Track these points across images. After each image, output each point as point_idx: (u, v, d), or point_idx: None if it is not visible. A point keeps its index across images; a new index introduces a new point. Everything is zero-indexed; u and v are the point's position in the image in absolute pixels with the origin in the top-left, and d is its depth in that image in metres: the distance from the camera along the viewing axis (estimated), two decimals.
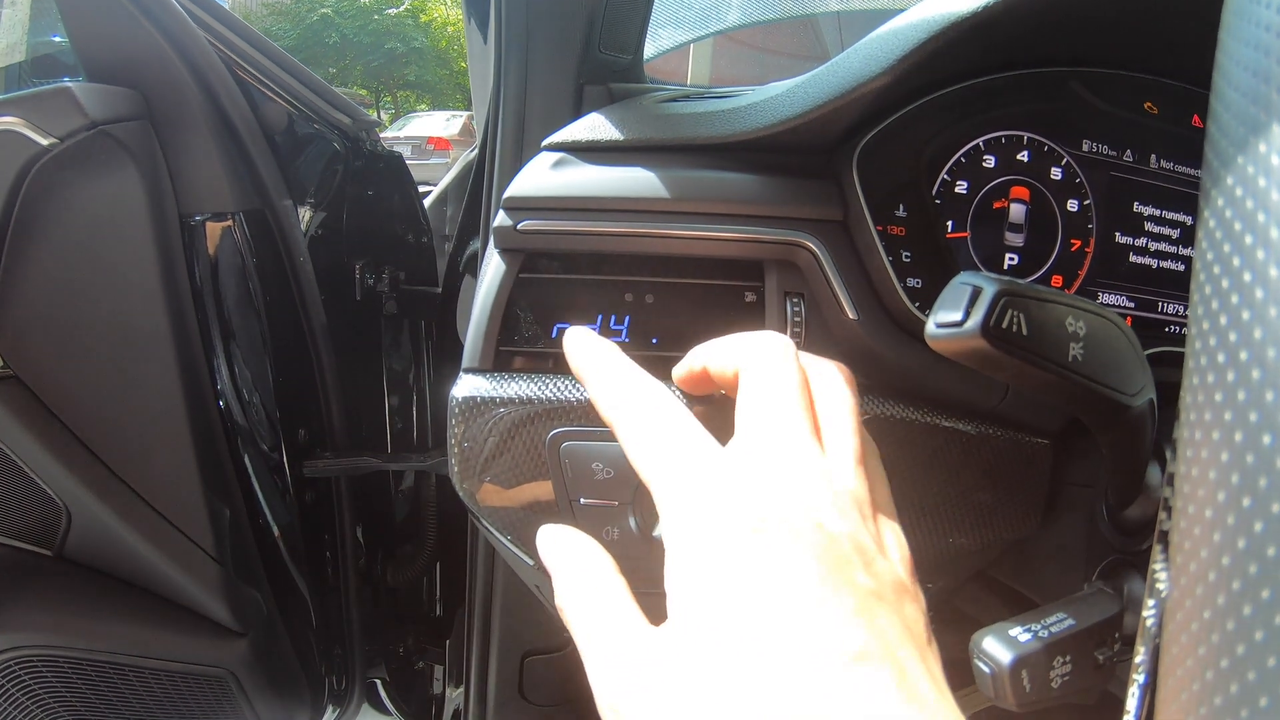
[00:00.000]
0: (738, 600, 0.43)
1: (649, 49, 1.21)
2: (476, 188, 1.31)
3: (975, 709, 1.14)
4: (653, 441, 0.51)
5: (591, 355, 0.59)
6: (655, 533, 0.60)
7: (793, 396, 0.52)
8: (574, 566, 0.55)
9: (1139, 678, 0.46)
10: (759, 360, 0.54)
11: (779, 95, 0.83)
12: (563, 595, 0.54)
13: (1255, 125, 0.33)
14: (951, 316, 0.50)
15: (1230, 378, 0.32)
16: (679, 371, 0.64)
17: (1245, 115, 0.34)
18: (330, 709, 1.68)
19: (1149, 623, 0.44)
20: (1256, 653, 0.29)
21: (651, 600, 0.51)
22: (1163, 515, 0.43)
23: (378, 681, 1.82)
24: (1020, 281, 0.52)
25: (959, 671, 1.18)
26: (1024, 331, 0.50)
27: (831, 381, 0.56)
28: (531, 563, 0.80)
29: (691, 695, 0.43)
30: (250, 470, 1.46)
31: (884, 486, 0.55)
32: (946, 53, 0.75)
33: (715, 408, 0.63)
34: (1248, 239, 0.32)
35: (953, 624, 0.96)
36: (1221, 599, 0.31)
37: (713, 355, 0.59)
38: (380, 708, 1.85)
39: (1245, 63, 0.35)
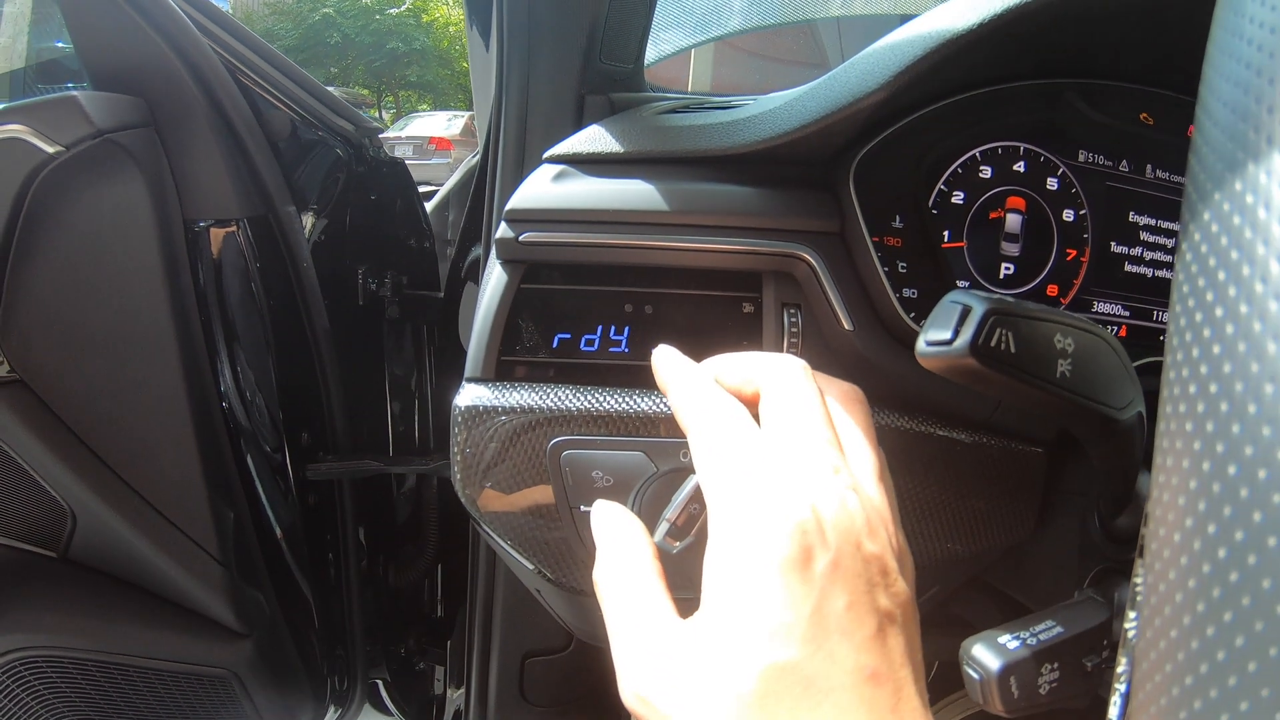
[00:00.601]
0: (773, 619, 0.46)
1: (649, 54, 1.21)
2: (478, 195, 1.31)
3: (966, 713, 1.15)
4: (716, 445, 0.54)
5: (675, 370, 0.62)
6: (655, 539, 0.61)
7: (821, 413, 0.54)
8: (616, 546, 0.58)
9: (1120, 686, 0.47)
10: (782, 378, 0.56)
11: (777, 108, 0.83)
12: (600, 572, 0.58)
13: (1243, 141, 0.34)
14: (941, 335, 0.51)
15: (1213, 389, 0.33)
16: None
17: (1233, 130, 0.35)
18: (332, 709, 1.69)
19: (1130, 634, 0.45)
20: (1237, 658, 0.30)
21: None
22: (1145, 529, 0.44)
23: (379, 682, 1.83)
24: (1010, 299, 0.52)
25: (953, 674, 1.19)
26: (1012, 349, 0.51)
27: (846, 400, 0.58)
28: (531, 567, 0.81)
29: (717, 695, 0.46)
30: (254, 473, 1.47)
31: (895, 501, 0.57)
32: (943, 67, 0.75)
33: None
34: (1233, 254, 0.33)
35: (947, 628, 0.97)
36: (1201, 605, 0.32)
37: (727, 372, 0.60)
38: (381, 708, 1.85)
39: (1232, 77, 0.36)
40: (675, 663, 0.49)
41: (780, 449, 0.52)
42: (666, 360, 0.64)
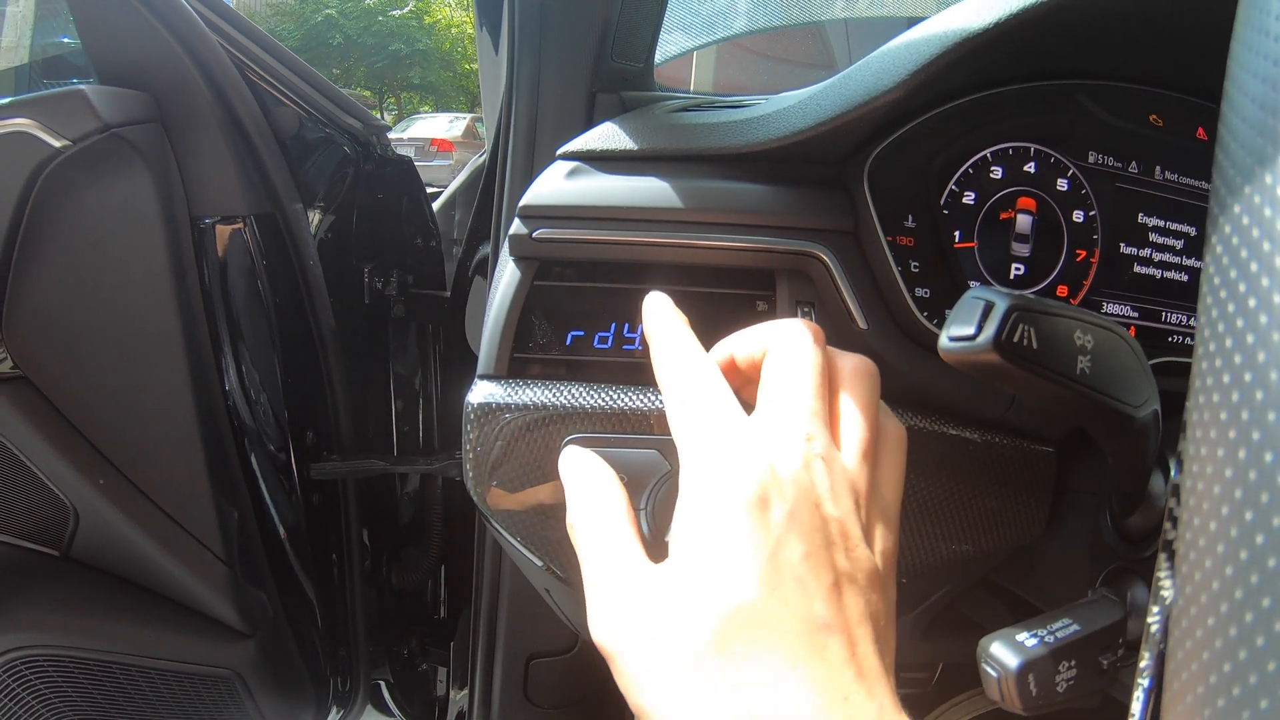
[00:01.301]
0: (732, 563, 0.48)
1: (656, 55, 1.21)
2: (487, 193, 1.31)
3: (979, 711, 1.15)
4: (688, 405, 0.56)
5: (661, 322, 0.63)
6: (666, 538, 0.61)
7: (812, 380, 0.55)
8: (589, 491, 0.62)
9: (1144, 682, 0.46)
10: (785, 341, 0.57)
11: (791, 107, 0.83)
12: (574, 515, 0.62)
13: (1262, 155, 0.34)
14: (964, 330, 0.51)
15: (1235, 397, 0.33)
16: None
17: (1252, 145, 0.35)
18: (335, 710, 1.68)
19: (1153, 629, 0.45)
20: (1258, 658, 0.30)
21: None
22: (1167, 525, 0.44)
23: (382, 683, 1.83)
24: (1030, 295, 0.53)
25: (963, 675, 1.19)
26: (1034, 345, 0.51)
27: (853, 373, 0.58)
28: (541, 564, 0.81)
29: (678, 635, 0.48)
30: (258, 472, 1.46)
31: (894, 482, 0.58)
32: (958, 67, 0.75)
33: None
34: (1253, 265, 0.33)
35: (957, 629, 0.97)
36: (1225, 607, 0.32)
37: (741, 341, 0.61)
38: (384, 709, 1.85)
39: (1252, 93, 0.36)
40: (643, 603, 0.51)
41: (757, 417, 0.54)
42: (656, 310, 0.66)
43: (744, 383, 0.61)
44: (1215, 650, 0.32)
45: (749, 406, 0.56)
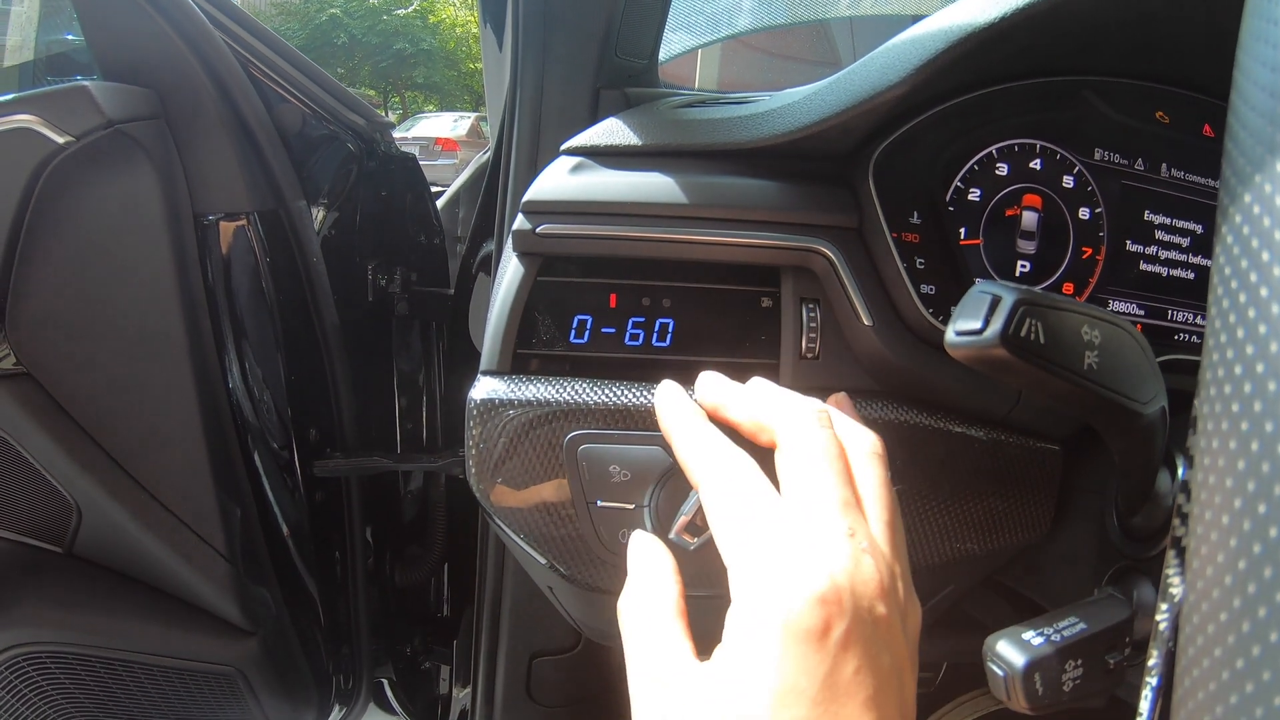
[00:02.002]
0: (786, 671, 0.48)
1: (660, 53, 1.21)
2: (490, 190, 1.31)
3: (983, 711, 1.15)
4: (730, 504, 0.56)
5: (679, 415, 0.64)
6: (671, 535, 0.61)
7: (836, 469, 0.56)
8: (647, 576, 0.61)
9: (1152, 680, 0.46)
10: (797, 433, 0.58)
11: (796, 102, 0.83)
12: (627, 601, 0.61)
13: (1273, 145, 0.34)
14: (971, 325, 0.51)
15: (1247, 388, 0.33)
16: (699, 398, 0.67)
17: (1262, 135, 0.34)
18: (337, 708, 1.68)
19: (1162, 627, 0.45)
20: (1272, 653, 0.30)
21: None
22: (1176, 522, 0.44)
23: (384, 681, 1.82)
24: (1037, 290, 0.52)
25: (966, 675, 1.19)
26: (1041, 340, 0.51)
27: (868, 455, 0.59)
28: (545, 562, 0.81)
29: None
30: (261, 469, 1.46)
31: (904, 547, 0.59)
32: (963, 62, 0.75)
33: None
34: (1265, 255, 0.33)
35: (961, 629, 0.97)
36: (1237, 602, 0.32)
37: (736, 408, 0.62)
38: (387, 707, 1.85)
39: (1262, 84, 0.35)
40: (690, 706, 0.51)
41: (798, 513, 0.54)
42: (670, 402, 0.66)
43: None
44: (1228, 646, 0.32)
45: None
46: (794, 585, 0.50)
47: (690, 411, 0.65)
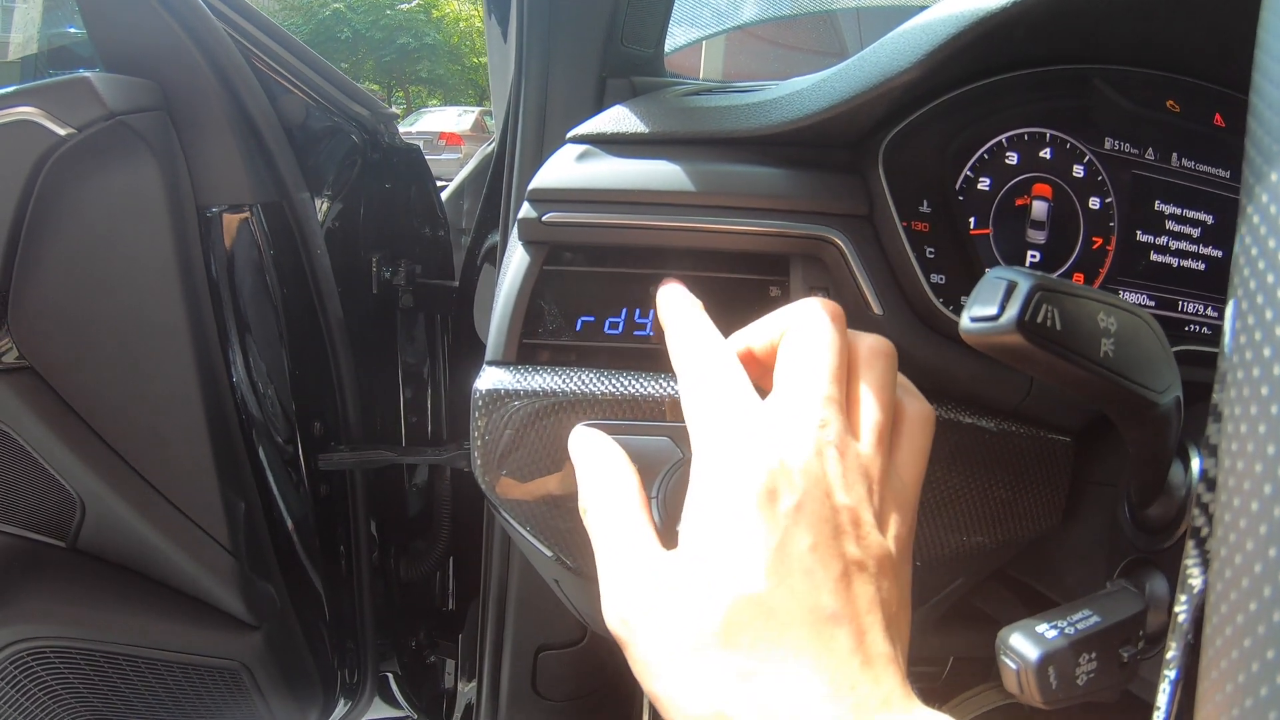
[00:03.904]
0: (740, 554, 0.49)
1: (666, 44, 1.21)
2: (496, 181, 1.31)
3: (990, 706, 1.14)
4: (701, 390, 0.57)
5: (676, 308, 0.65)
6: (678, 528, 0.60)
7: (829, 363, 0.55)
8: (602, 475, 0.62)
9: (1170, 673, 0.46)
10: (802, 323, 0.57)
11: (805, 89, 0.82)
12: (586, 499, 0.63)
13: None
14: (986, 311, 0.50)
15: (1277, 371, 0.32)
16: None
17: None
18: (342, 702, 1.68)
19: (1181, 619, 0.44)
20: None
21: None
22: (1195, 513, 0.43)
23: (389, 675, 1.82)
24: (1051, 276, 0.52)
25: (976, 669, 1.18)
26: (1057, 326, 0.50)
27: (869, 354, 0.58)
28: (550, 555, 0.80)
29: (688, 624, 0.50)
30: (265, 463, 1.46)
31: (914, 464, 0.58)
32: (974, 48, 0.74)
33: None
34: None
35: (971, 622, 0.97)
36: (1269, 591, 0.31)
37: (759, 329, 0.62)
38: (392, 702, 1.85)
39: None
40: (655, 591, 0.53)
41: (771, 403, 0.55)
42: (669, 298, 0.67)
43: (764, 372, 0.60)
44: (1257, 637, 0.31)
45: (767, 395, 0.56)
46: (744, 458, 0.51)
47: (690, 304, 0.66)
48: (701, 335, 0.61)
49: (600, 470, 0.63)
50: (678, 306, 0.65)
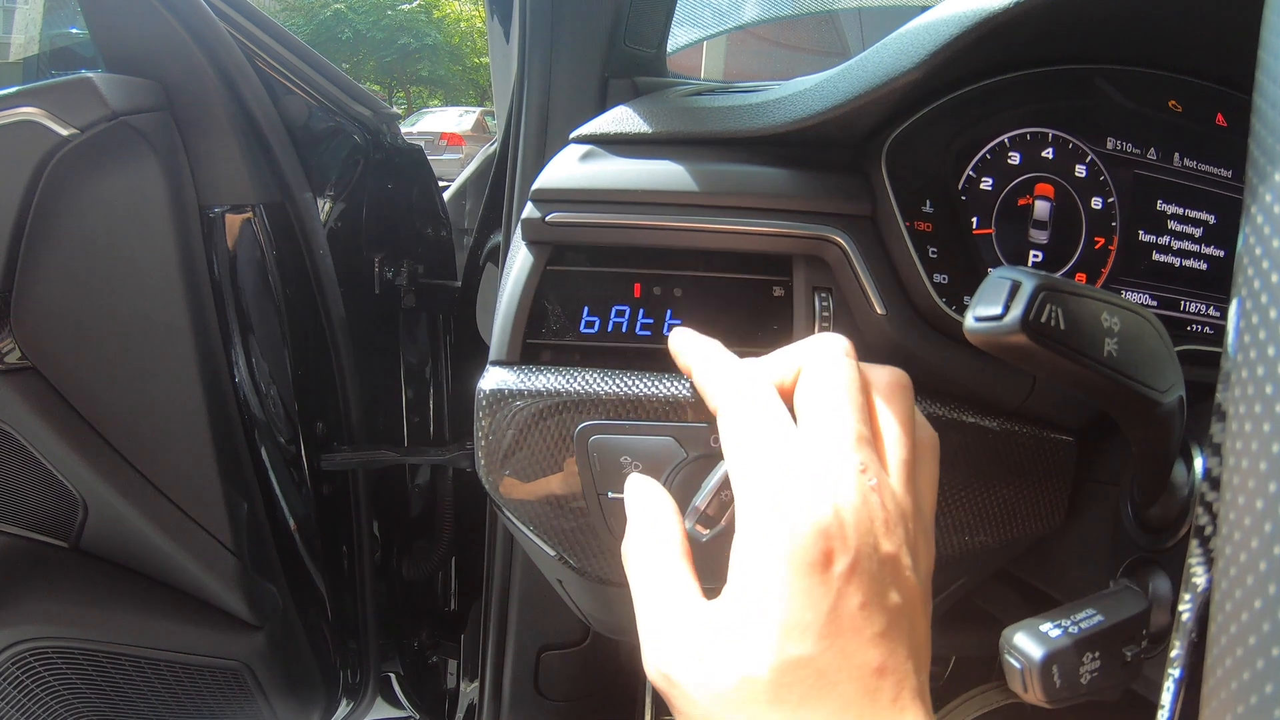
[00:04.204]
0: (793, 616, 0.49)
1: (668, 44, 1.21)
2: (498, 181, 1.31)
3: (993, 706, 1.14)
4: (744, 427, 0.56)
5: (697, 347, 0.65)
6: (686, 525, 0.60)
7: (853, 402, 0.55)
8: (648, 522, 0.61)
9: (1174, 672, 0.46)
10: (819, 360, 0.57)
11: (808, 89, 0.82)
12: (630, 546, 0.62)
13: None
14: (991, 310, 0.51)
15: None
16: None
17: None
18: (344, 703, 1.68)
19: (1185, 618, 0.44)
20: None
21: None
22: (1199, 512, 0.43)
23: (392, 675, 1.83)
24: (1056, 276, 0.52)
25: (980, 668, 1.18)
26: (1062, 326, 0.50)
27: (890, 389, 0.59)
28: (554, 555, 0.80)
29: (735, 680, 0.49)
30: (268, 463, 1.46)
31: (931, 493, 0.59)
32: (978, 48, 0.74)
33: None
34: None
35: (973, 622, 0.97)
36: (1274, 589, 0.31)
37: (773, 365, 0.61)
38: (394, 702, 1.85)
39: None
40: (698, 644, 0.52)
41: (809, 444, 0.54)
42: (686, 340, 0.66)
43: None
44: (1262, 635, 0.31)
45: None
46: (797, 518, 0.50)
47: (707, 342, 0.65)
48: (735, 370, 0.61)
49: (646, 517, 0.62)
50: (699, 345, 0.65)
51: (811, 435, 0.54)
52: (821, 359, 0.57)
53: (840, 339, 0.59)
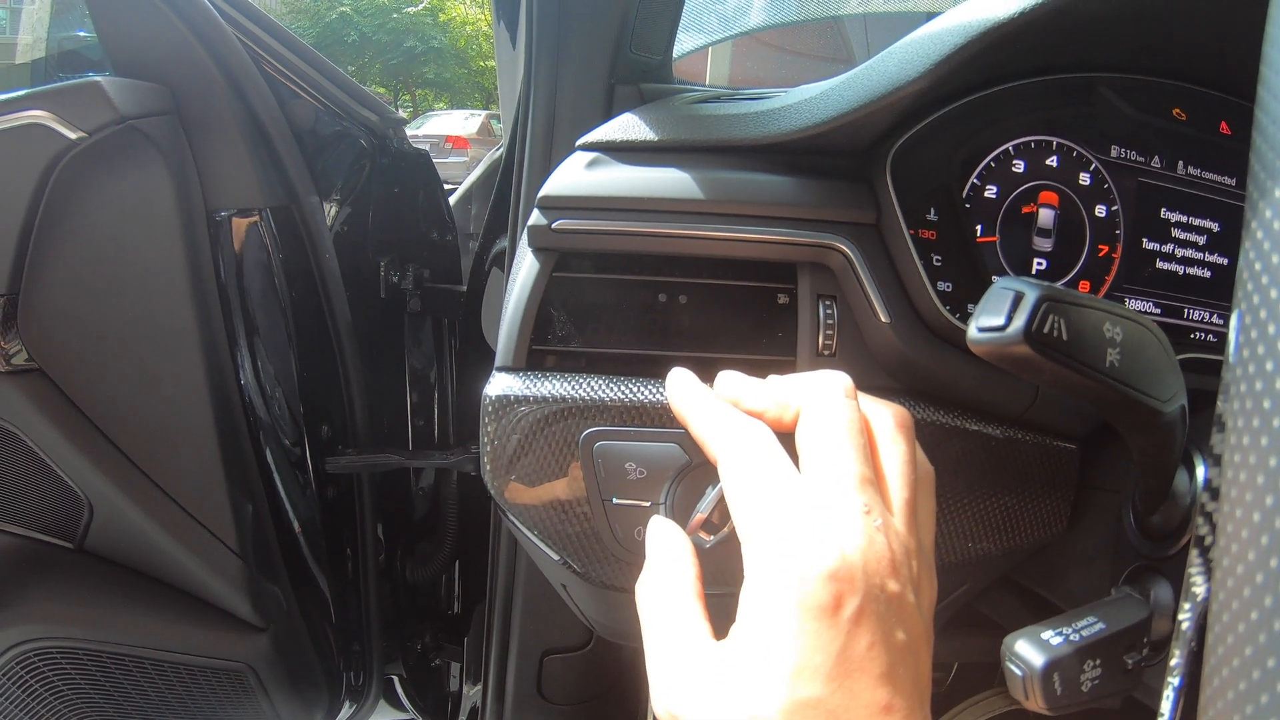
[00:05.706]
0: (805, 659, 0.49)
1: (674, 50, 1.21)
2: (504, 186, 1.31)
3: (995, 713, 1.14)
4: (746, 474, 0.56)
5: (694, 399, 0.64)
6: (686, 532, 0.61)
7: (855, 443, 0.55)
8: (663, 561, 0.61)
9: (1174, 680, 0.46)
10: (819, 404, 0.58)
11: (814, 98, 0.82)
12: (643, 584, 0.61)
13: None
14: (994, 321, 0.51)
15: (1279, 385, 0.32)
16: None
17: None
18: (347, 705, 1.68)
19: (1185, 627, 0.44)
20: None
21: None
22: (1199, 521, 0.43)
23: (395, 678, 1.83)
24: (1059, 286, 0.52)
25: (981, 675, 1.18)
26: (1064, 337, 0.50)
27: (892, 430, 0.59)
28: (558, 559, 0.80)
29: (744, 716, 0.50)
30: (273, 466, 1.46)
31: (930, 527, 0.59)
32: (983, 57, 0.75)
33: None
34: None
35: (976, 629, 0.97)
36: (1269, 600, 0.31)
37: (759, 395, 0.62)
38: (397, 704, 1.85)
39: None
40: (707, 686, 0.52)
41: (813, 488, 0.54)
42: (682, 390, 0.66)
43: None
44: (1259, 645, 0.32)
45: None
46: (806, 562, 0.50)
47: (703, 390, 0.65)
48: (733, 419, 0.60)
49: (663, 558, 0.62)
50: (695, 392, 0.65)
51: (815, 479, 0.54)
52: (822, 400, 0.58)
53: (841, 377, 0.59)
